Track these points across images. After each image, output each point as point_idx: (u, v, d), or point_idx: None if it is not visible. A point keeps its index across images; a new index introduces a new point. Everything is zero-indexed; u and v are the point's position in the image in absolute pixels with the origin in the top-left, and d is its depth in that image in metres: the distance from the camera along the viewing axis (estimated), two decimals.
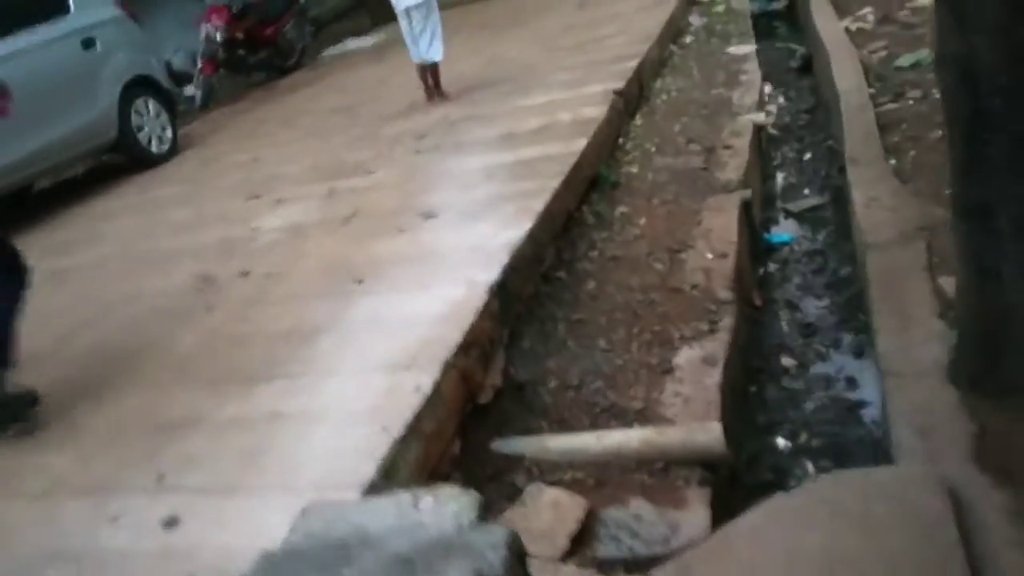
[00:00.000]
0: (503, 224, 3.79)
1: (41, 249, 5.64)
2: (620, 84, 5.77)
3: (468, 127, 5.75)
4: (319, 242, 4.28)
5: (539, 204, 3.91)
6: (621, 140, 5.39)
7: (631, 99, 5.90)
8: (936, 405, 2.57)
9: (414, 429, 2.46)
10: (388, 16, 13.09)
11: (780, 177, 5.65)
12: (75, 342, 3.85)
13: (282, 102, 9.09)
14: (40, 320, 3.48)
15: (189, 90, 10.07)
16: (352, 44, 12.17)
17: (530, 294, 3.64)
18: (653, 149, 5.20)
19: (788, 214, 5.13)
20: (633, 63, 6.27)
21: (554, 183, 4.13)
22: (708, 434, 2.71)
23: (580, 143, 4.68)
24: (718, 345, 3.28)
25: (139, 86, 7.27)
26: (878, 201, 3.98)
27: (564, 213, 4.14)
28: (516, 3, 11.35)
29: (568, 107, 5.52)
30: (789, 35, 8.83)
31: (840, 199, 4.87)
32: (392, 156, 5.60)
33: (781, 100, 6.87)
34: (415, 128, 6.11)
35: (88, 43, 6.91)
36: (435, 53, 6.57)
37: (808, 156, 5.81)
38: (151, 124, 7.33)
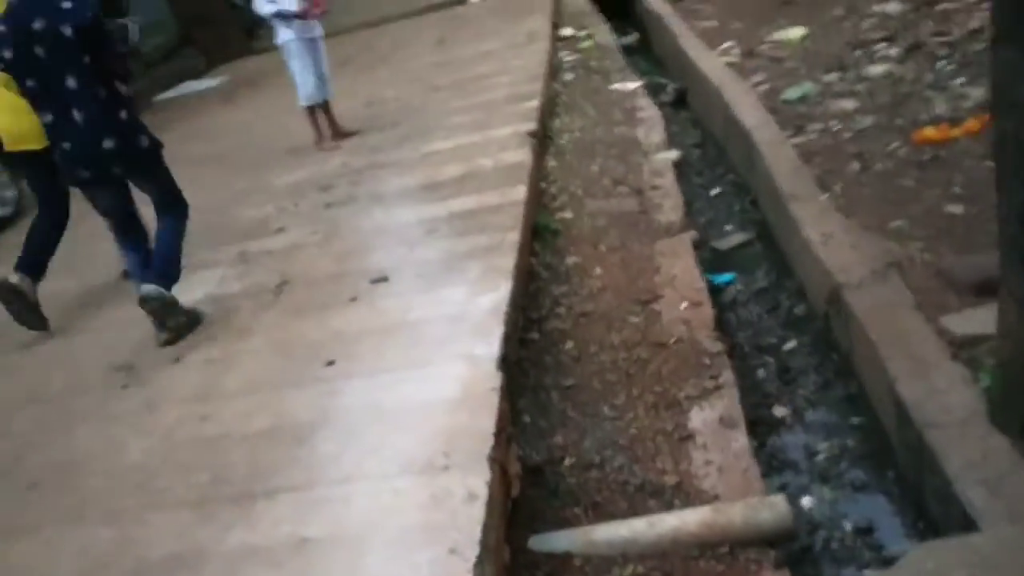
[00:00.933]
0: (474, 286, 3.52)
1: None
2: (531, 125, 5.63)
3: (378, 175, 5.42)
4: (256, 317, 3.83)
5: (507, 261, 3.67)
6: (543, 184, 5.23)
7: (539, 140, 5.77)
8: (993, 457, 2.53)
9: (486, 547, 2.15)
10: (225, 56, 12.50)
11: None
12: None
13: None
14: None
15: None
16: (191, 86, 11.40)
17: (514, 361, 3.38)
18: (580, 192, 5.08)
19: (716, 252, 5.14)
20: (534, 103, 6.16)
21: (513, 236, 3.91)
22: (772, 509, 2.55)
23: (519, 191, 4.48)
24: (729, 403, 3.15)
25: None
26: (834, 238, 4.01)
27: (527, 269, 3.92)
28: (366, 39, 11.05)
29: (483, 152, 5.31)
30: (648, 68, 9.01)
31: (765, 235, 4.92)
32: (299, 211, 5.17)
33: None
34: (314, 178, 5.70)
35: None
36: (330, 91, 6.26)
37: (716, 191, 5.87)
38: None
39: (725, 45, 7.68)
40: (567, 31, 9.40)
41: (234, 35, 13.01)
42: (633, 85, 7.05)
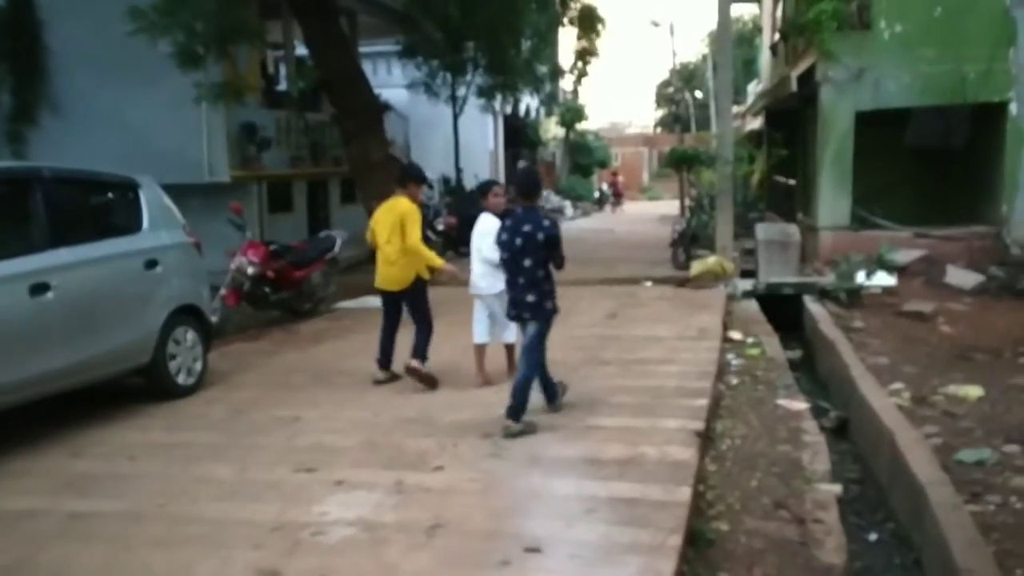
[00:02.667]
0: None
1: (56, 477, 5.12)
2: (699, 424, 5.67)
3: (539, 438, 5.53)
4: (405, 555, 3.85)
5: (668, 566, 3.60)
6: (701, 487, 5.17)
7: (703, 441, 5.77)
8: None
9: None
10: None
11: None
12: None
13: (309, 352, 8.86)
14: None
15: None
16: (371, 302, 12.17)
17: None
18: (738, 506, 4.97)
19: None
20: (703, 401, 6.23)
21: (676, 540, 3.85)
22: None
23: (684, 492, 4.46)
24: None
25: (183, 313, 7.02)
26: None
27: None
28: None
29: (649, 440, 5.35)
30: (811, 388, 8.95)
31: None
32: (459, 453, 5.30)
33: None
34: (478, 421, 5.87)
35: (151, 264, 6.75)
36: (507, 337, 6.92)
37: (874, 536, 5.62)
38: (184, 355, 7.00)
39: (895, 386, 7.61)
40: (736, 334, 9.59)
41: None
42: (801, 406, 7.02)
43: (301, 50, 15.80)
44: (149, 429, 6.14)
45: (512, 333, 6.76)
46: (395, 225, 6.73)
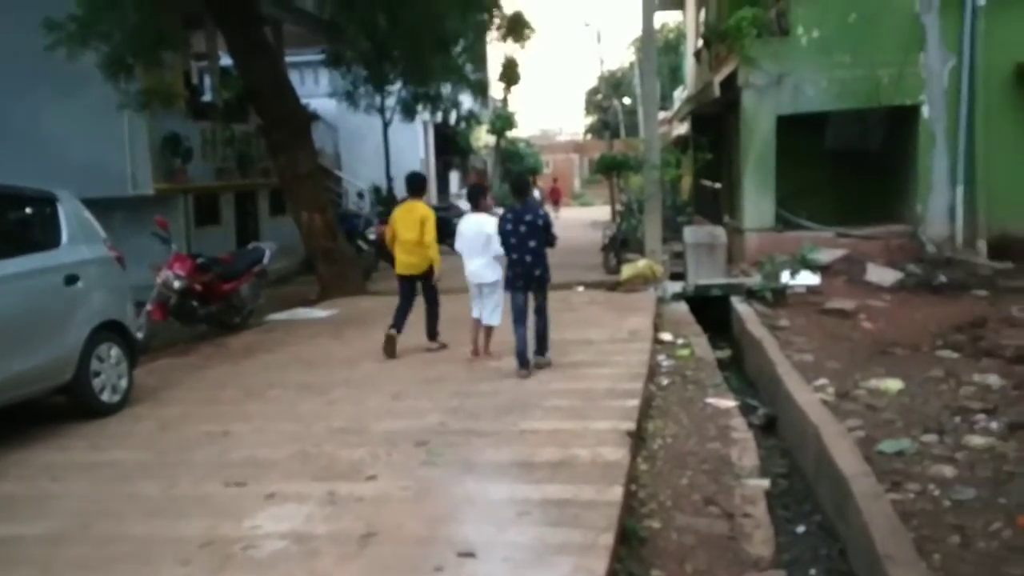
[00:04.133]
0: None
1: None
2: (630, 425, 5.75)
3: (473, 443, 5.55)
4: (338, 565, 3.83)
5: (600, 565, 3.65)
6: (633, 487, 5.24)
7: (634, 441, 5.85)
8: None
9: None
10: (340, 291, 13.31)
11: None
12: None
13: (240, 366, 8.72)
14: None
15: None
16: (302, 313, 12.07)
17: None
18: (669, 503, 5.06)
19: None
20: (634, 402, 6.33)
21: (607, 539, 3.90)
22: None
23: (615, 491, 4.52)
24: None
25: (107, 329, 6.85)
26: None
27: (613, 574, 3.87)
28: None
29: (581, 442, 5.41)
30: (740, 387, 9.15)
31: None
32: (392, 462, 5.28)
33: None
34: (411, 430, 5.86)
35: (71, 279, 6.56)
36: (494, 320, 8.13)
37: (802, 529, 5.76)
38: (109, 372, 6.83)
39: (819, 382, 7.83)
40: (666, 336, 9.76)
41: (353, 274, 13.90)
42: (729, 403, 7.18)
43: (226, 60, 15.56)
44: (73, 449, 5.97)
45: (496, 318, 8.08)
46: (415, 224, 8.44)
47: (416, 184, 8.81)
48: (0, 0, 13.10)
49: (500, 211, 8.27)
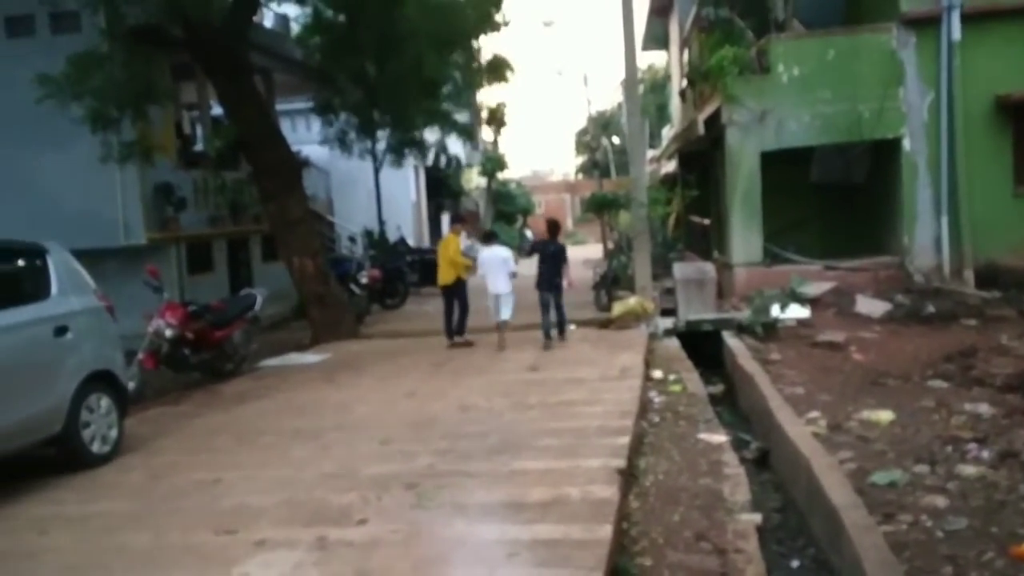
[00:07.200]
0: None
1: None
2: (620, 463, 5.75)
3: (463, 484, 5.54)
4: None
5: None
6: (624, 524, 5.23)
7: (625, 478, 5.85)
8: None
9: None
10: (333, 335, 13.32)
11: None
12: None
13: (232, 413, 8.70)
14: None
15: None
16: (294, 359, 12.07)
17: None
18: (661, 540, 5.05)
19: None
20: (624, 439, 6.33)
21: None
22: None
23: (605, 530, 4.52)
24: None
25: (97, 379, 6.85)
26: None
27: None
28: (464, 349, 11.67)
29: (570, 480, 5.41)
30: (733, 421, 9.15)
31: None
32: (382, 506, 5.26)
33: None
34: (401, 473, 5.85)
35: (61, 330, 6.59)
36: (505, 315, 11.34)
37: (796, 563, 5.74)
38: (99, 422, 6.82)
39: (811, 415, 7.84)
40: (657, 373, 9.78)
41: (345, 318, 13.92)
42: (720, 439, 7.18)
43: (217, 110, 15.73)
44: (62, 501, 5.94)
45: (507, 314, 11.34)
46: (445, 249, 11.92)
47: (453, 220, 13.22)
48: None
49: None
